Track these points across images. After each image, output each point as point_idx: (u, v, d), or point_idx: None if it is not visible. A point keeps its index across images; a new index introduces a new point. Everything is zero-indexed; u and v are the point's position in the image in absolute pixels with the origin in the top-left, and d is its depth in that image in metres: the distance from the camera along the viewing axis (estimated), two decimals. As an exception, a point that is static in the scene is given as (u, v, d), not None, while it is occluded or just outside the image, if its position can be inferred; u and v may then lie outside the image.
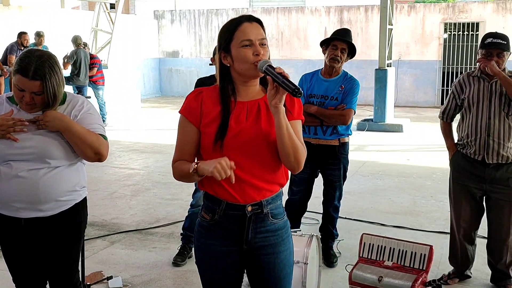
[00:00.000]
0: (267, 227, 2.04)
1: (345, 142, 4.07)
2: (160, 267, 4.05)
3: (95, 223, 4.95)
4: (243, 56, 1.92)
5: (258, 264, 2.07)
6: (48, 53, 2.35)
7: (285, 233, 2.09)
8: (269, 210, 2.03)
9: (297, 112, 2.03)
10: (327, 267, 3.99)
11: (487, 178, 3.51)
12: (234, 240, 2.03)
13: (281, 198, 2.10)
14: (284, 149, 1.91)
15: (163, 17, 17.35)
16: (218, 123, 1.95)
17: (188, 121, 2.01)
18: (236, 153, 1.94)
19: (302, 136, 2.03)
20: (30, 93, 2.27)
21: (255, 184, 1.98)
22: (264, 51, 1.93)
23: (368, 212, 5.41)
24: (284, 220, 2.10)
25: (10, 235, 2.44)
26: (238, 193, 1.97)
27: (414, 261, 3.23)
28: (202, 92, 2.05)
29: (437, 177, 6.71)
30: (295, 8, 16.16)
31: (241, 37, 1.92)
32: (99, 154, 2.37)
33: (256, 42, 1.92)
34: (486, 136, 3.46)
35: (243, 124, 1.96)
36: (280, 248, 2.07)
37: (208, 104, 2.00)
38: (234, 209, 1.99)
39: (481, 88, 3.49)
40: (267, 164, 1.99)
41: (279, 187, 2.07)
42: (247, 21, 1.95)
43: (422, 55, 14.60)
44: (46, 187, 2.33)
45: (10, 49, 9.96)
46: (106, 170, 7.08)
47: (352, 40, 3.99)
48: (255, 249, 2.04)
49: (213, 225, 2.04)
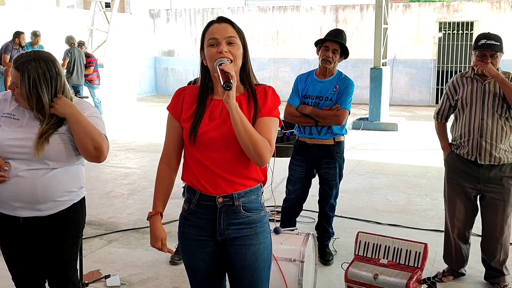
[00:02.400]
0: (239, 220, 2.10)
1: (340, 141, 4.10)
2: (157, 266, 4.08)
3: (92, 222, 4.97)
4: (209, 54, 2.04)
5: (229, 255, 2.13)
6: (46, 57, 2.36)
7: (259, 228, 2.14)
8: (241, 203, 2.09)
9: (269, 109, 2.08)
10: (323, 265, 4.03)
11: (481, 178, 3.55)
12: (208, 230, 2.11)
13: (257, 194, 2.15)
14: (242, 142, 1.98)
15: (159, 16, 17.34)
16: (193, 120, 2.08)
17: (172, 116, 2.15)
18: (208, 148, 2.05)
19: (273, 134, 2.08)
20: (13, 82, 2.33)
21: (226, 177, 2.06)
22: (232, 49, 2.03)
23: (363, 210, 5.45)
24: (260, 215, 2.15)
25: (9, 234, 2.47)
26: (210, 185, 2.07)
27: (409, 259, 3.27)
28: (185, 90, 2.19)
29: (432, 176, 6.76)
30: (290, 7, 16.18)
31: (208, 36, 2.05)
32: (99, 151, 2.35)
33: (223, 40, 2.02)
34: (479, 137, 3.49)
35: (216, 121, 2.06)
36: (253, 241, 2.12)
37: (188, 101, 2.13)
38: (206, 200, 2.09)
39: (475, 89, 3.52)
40: (238, 159, 2.05)
41: (254, 182, 2.13)
42: (217, 22, 2.07)
43: (417, 54, 14.66)
44: (44, 187, 2.35)
45: (4, 49, 9.93)
46: (102, 169, 7.09)
47: (344, 40, 4.00)
48: (228, 240, 2.11)
49: (190, 215, 2.15)
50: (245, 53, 2.09)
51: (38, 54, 2.36)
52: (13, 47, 9.91)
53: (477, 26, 13.74)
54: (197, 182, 2.09)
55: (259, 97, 2.09)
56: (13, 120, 2.38)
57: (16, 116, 2.39)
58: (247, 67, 2.11)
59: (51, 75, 2.33)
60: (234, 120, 1.95)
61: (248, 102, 2.09)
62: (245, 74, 2.12)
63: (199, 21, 16.86)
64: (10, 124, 2.37)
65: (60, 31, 12.03)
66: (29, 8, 12.93)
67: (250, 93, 2.10)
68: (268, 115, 2.08)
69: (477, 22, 13.92)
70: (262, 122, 2.05)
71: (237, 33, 2.06)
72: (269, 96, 2.10)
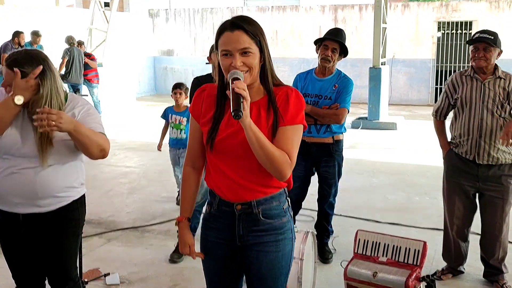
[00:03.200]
0: (260, 226, 2.04)
1: (339, 139, 4.11)
2: (157, 264, 4.08)
3: (91, 220, 4.97)
4: (223, 64, 1.93)
5: (247, 260, 2.10)
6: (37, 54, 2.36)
7: (280, 235, 2.07)
8: (260, 210, 2.02)
9: (291, 117, 1.95)
10: (323, 263, 4.04)
11: (480, 176, 3.56)
12: (227, 235, 2.08)
13: (279, 200, 2.07)
14: (259, 159, 1.90)
15: (158, 16, 17.33)
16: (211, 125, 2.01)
17: (193, 118, 2.10)
18: (226, 155, 1.99)
19: (295, 143, 1.96)
20: (5, 80, 2.33)
21: (244, 185, 2.00)
22: (247, 60, 1.90)
23: (363, 209, 5.46)
24: (282, 221, 2.07)
25: (9, 231, 2.48)
26: (229, 191, 2.02)
27: (408, 257, 3.27)
28: (205, 90, 2.09)
29: (431, 175, 6.76)
30: (289, 7, 16.17)
31: (221, 47, 1.93)
32: (104, 151, 2.40)
33: (235, 52, 1.89)
34: (478, 137, 3.49)
35: (233, 127, 1.96)
36: (271, 248, 2.06)
37: (207, 103, 2.05)
38: (226, 205, 2.05)
39: (474, 88, 3.52)
40: (257, 168, 1.96)
41: (275, 189, 2.05)
42: (229, 29, 1.91)
43: (415, 54, 14.67)
44: (43, 182, 2.36)
45: (4, 48, 9.92)
46: (102, 168, 7.09)
47: (344, 39, 4.01)
48: (247, 246, 2.07)
49: (211, 217, 2.12)
50: (264, 55, 1.95)
51: (28, 52, 2.37)
52: (12, 46, 9.90)
53: (476, 26, 13.73)
54: (216, 187, 2.06)
55: (280, 103, 1.96)
56: None
57: None
58: (265, 69, 1.98)
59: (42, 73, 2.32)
60: (249, 139, 1.85)
61: (268, 109, 1.97)
62: (264, 77, 1.99)
63: (198, 20, 16.85)
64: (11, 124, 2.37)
65: (60, 31, 12.02)
66: (28, 7, 12.92)
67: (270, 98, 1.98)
68: (290, 123, 1.95)
69: (475, 21, 13.93)
70: (283, 133, 1.93)
71: (253, 40, 1.91)
72: (291, 100, 1.96)
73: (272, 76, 2.01)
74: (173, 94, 5.30)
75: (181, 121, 5.23)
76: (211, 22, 16.64)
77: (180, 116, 5.24)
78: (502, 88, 3.47)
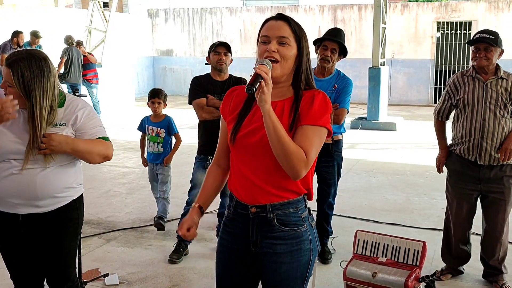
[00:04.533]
0: (274, 234, 1.97)
1: (338, 139, 4.11)
2: (156, 265, 4.08)
3: (90, 221, 4.97)
4: (259, 51, 1.93)
5: (260, 270, 2.04)
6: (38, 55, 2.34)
7: (296, 245, 1.98)
8: (275, 215, 1.95)
9: (313, 117, 1.89)
10: (322, 263, 4.04)
11: (482, 178, 3.55)
12: (242, 240, 2.02)
13: (296, 206, 1.98)
14: (274, 150, 1.85)
15: (157, 16, 17.33)
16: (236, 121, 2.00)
17: (222, 117, 2.10)
18: (246, 152, 1.96)
19: (315, 144, 1.89)
20: (5, 81, 2.31)
21: (260, 186, 1.94)
22: (283, 50, 1.89)
23: (362, 209, 5.46)
24: (300, 231, 1.98)
25: (8, 231, 2.47)
26: (245, 192, 1.98)
27: (407, 257, 3.27)
28: (236, 90, 2.10)
29: (430, 175, 6.76)
30: (289, 7, 16.19)
31: (262, 33, 1.95)
32: (107, 157, 2.48)
33: (273, 39, 1.90)
34: (480, 138, 3.49)
35: (257, 123, 1.93)
36: (286, 259, 1.98)
37: (235, 102, 2.05)
38: (241, 208, 2.00)
39: (476, 88, 3.51)
40: (275, 168, 1.91)
41: (292, 195, 1.97)
42: (274, 19, 1.95)
43: (415, 54, 14.68)
44: (43, 183, 2.36)
45: (3, 48, 9.91)
46: (101, 168, 7.08)
47: (343, 39, 4.00)
48: (261, 253, 2.00)
49: (228, 221, 2.08)
50: (301, 56, 1.94)
51: (29, 52, 2.35)
52: (11, 46, 9.88)
53: (475, 26, 13.75)
54: (234, 189, 2.03)
55: (304, 104, 1.92)
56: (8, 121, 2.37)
57: None
58: (300, 71, 1.95)
59: (42, 73, 2.30)
60: (266, 125, 1.82)
61: (291, 109, 1.94)
62: (297, 77, 1.96)
63: (197, 20, 16.85)
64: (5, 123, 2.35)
65: (58, 31, 12.02)
66: (27, 7, 12.91)
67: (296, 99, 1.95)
68: (311, 123, 1.89)
69: (475, 22, 13.94)
70: (301, 131, 1.89)
71: (293, 33, 1.92)
72: (316, 102, 1.91)
73: (307, 83, 1.98)
74: (150, 103, 4.79)
75: (158, 132, 4.76)
76: (210, 22, 16.64)
77: (158, 128, 4.77)
78: (504, 89, 3.46)
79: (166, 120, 4.80)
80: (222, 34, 16.36)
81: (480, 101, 3.49)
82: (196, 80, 4.17)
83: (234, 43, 15.37)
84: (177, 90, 16.87)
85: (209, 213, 5.08)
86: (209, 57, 4.16)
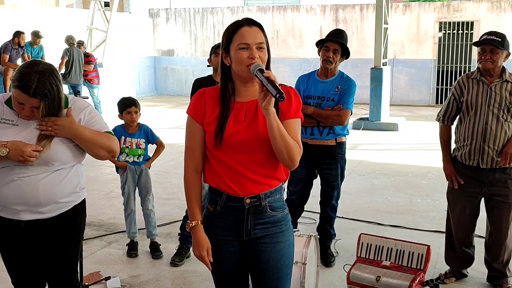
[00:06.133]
0: (266, 219, 2.13)
1: (342, 141, 4.08)
2: (158, 267, 4.05)
3: (92, 223, 4.94)
4: (239, 58, 2.02)
5: (255, 253, 2.16)
6: (49, 69, 2.27)
7: (284, 226, 2.18)
8: (267, 203, 2.12)
9: (294, 111, 2.10)
10: (325, 266, 4.00)
11: (486, 181, 3.53)
12: (235, 231, 2.14)
13: (281, 192, 2.18)
14: (276, 147, 2.00)
15: (158, 16, 17.31)
16: (218, 123, 2.07)
17: (194, 120, 2.14)
18: (235, 150, 2.06)
19: (299, 134, 2.10)
20: (30, 107, 2.26)
21: (253, 178, 2.08)
22: (262, 55, 2.03)
23: (365, 211, 5.43)
24: (284, 213, 2.19)
25: (10, 238, 2.44)
26: (237, 186, 2.08)
27: (411, 261, 3.25)
28: (206, 92, 2.17)
29: (433, 176, 6.74)
30: (290, 7, 16.15)
31: (238, 40, 2.03)
32: (113, 152, 2.43)
33: (253, 46, 2.02)
34: (481, 141, 3.46)
35: (241, 124, 2.06)
36: (278, 239, 2.15)
37: (210, 104, 2.12)
38: (233, 201, 2.10)
39: (480, 91, 3.48)
40: (264, 161, 2.08)
41: (278, 182, 2.16)
42: (247, 25, 2.06)
43: (417, 54, 14.65)
44: (46, 189, 2.33)
45: (4, 48, 9.90)
46: (102, 169, 7.06)
47: (345, 40, 3.98)
48: (254, 239, 2.14)
49: (216, 216, 2.16)
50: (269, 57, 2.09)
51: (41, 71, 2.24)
52: (12, 46, 9.88)
53: (477, 26, 13.72)
54: (223, 183, 2.10)
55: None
56: (11, 126, 2.34)
57: (14, 122, 2.34)
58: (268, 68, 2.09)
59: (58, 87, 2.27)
60: (271, 127, 1.96)
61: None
62: None
63: (198, 20, 16.83)
64: (8, 129, 2.32)
65: (59, 31, 12.00)
66: (28, 7, 12.90)
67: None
68: (294, 117, 2.09)
69: (477, 22, 13.91)
70: (289, 125, 2.06)
71: (265, 38, 2.07)
72: (293, 97, 2.11)
73: None
74: (125, 114, 4.26)
75: (138, 144, 4.25)
76: (211, 22, 16.62)
77: (137, 139, 4.25)
78: (509, 92, 3.43)
79: (143, 129, 4.30)
80: (224, 34, 16.32)
81: (483, 104, 3.46)
82: (197, 82, 4.14)
83: (236, 43, 15.32)
84: (178, 90, 16.86)
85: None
86: (211, 58, 4.13)
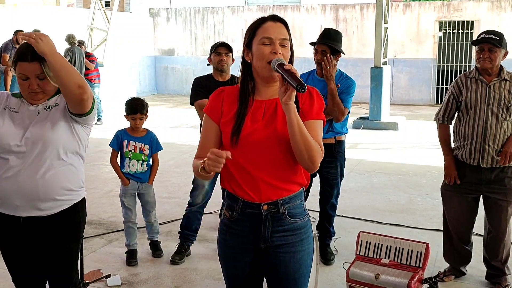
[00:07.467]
0: (285, 226, 2.04)
1: (341, 140, 4.09)
2: (158, 265, 4.07)
3: (92, 221, 4.96)
4: (261, 52, 1.96)
5: (273, 263, 2.08)
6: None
7: (304, 234, 2.08)
8: (286, 209, 2.02)
9: (316, 112, 2.01)
10: (324, 264, 4.02)
11: (484, 180, 3.54)
12: (252, 238, 2.05)
13: (301, 198, 2.09)
14: (296, 146, 1.90)
15: (159, 15, 17.32)
16: (235, 121, 2.00)
17: (210, 119, 2.07)
18: (251, 151, 1.98)
19: (321, 136, 2.01)
20: (35, 78, 2.28)
21: (270, 182, 1.99)
22: (284, 52, 1.97)
23: (364, 210, 5.44)
24: (304, 220, 2.09)
25: (9, 235, 2.45)
26: (254, 192, 2.00)
27: (410, 259, 3.26)
28: (224, 91, 2.11)
29: (432, 175, 6.75)
30: (290, 6, 16.16)
31: (262, 34, 1.98)
32: (82, 88, 2.23)
33: (276, 41, 1.96)
34: (481, 140, 3.47)
35: (259, 122, 1.99)
36: (297, 248, 2.07)
37: (228, 103, 2.05)
38: (250, 207, 2.02)
39: (479, 90, 3.49)
40: (282, 163, 1.99)
41: (298, 187, 2.06)
42: (272, 20, 2.00)
43: (417, 54, 14.65)
44: (45, 184, 2.34)
45: (4, 48, 9.89)
46: (102, 168, 7.08)
47: (334, 39, 3.92)
48: (272, 247, 2.05)
49: (233, 222, 2.08)
50: (292, 55, 2.03)
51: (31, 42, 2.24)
52: (12, 46, 9.88)
53: (478, 26, 13.72)
54: (239, 189, 2.02)
55: (304, 100, 2.01)
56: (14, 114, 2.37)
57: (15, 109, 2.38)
58: None
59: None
60: (291, 123, 1.86)
61: None
62: None
63: (199, 20, 16.84)
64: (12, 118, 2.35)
65: (60, 30, 12.00)
66: (29, 7, 12.91)
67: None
68: (316, 118, 2.01)
69: (477, 21, 13.91)
70: (310, 126, 1.96)
71: (289, 35, 2.01)
72: (315, 98, 2.03)
73: None
74: (130, 118, 4.03)
75: (142, 149, 4.05)
76: (212, 21, 16.62)
77: (142, 143, 4.05)
78: (508, 91, 3.44)
79: (150, 136, 4.11)
80: (224, 34, 16.35)
81: (482, 104, 3.46)
82: (197, 80, 4.16)
83: (236, 42, 15.33)
84: (178, 90, 16.87)
85: (211, 213, 5.08)
86: (211, 57, 4.15)
